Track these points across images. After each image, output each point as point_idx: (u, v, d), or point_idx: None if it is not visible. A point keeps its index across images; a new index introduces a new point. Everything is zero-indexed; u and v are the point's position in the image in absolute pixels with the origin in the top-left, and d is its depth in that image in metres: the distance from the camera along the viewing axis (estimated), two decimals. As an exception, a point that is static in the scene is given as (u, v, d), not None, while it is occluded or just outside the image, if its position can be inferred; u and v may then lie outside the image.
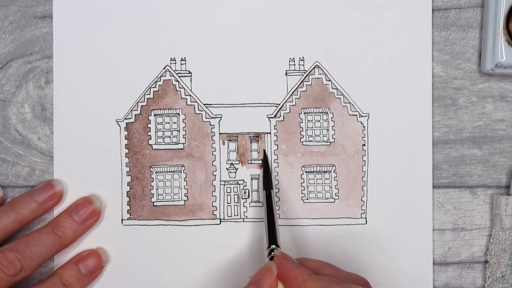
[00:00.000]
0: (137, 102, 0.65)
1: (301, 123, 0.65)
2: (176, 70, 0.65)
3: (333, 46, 0.65)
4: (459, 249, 0.65)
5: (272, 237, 0.59)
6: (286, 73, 0.65)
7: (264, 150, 0.65)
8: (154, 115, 0.65)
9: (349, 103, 0.65)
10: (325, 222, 0.65)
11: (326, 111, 0.65)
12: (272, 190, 0.63)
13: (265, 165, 0.64)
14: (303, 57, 0.65)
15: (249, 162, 0.65)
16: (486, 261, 0.65)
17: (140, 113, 0.65)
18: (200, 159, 0.65)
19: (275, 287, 0.56)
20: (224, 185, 0.65)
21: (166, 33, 0.65)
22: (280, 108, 0.65)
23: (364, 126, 0.65)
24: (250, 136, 0.65)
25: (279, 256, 0.57)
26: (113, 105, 0.65)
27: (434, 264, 0.65)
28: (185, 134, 0.65)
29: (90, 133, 0.65)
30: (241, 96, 0.65)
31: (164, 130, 0.65)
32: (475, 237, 0.65)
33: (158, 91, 0.65)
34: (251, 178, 0.65)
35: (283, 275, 0.56)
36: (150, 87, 0.65)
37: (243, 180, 0.65)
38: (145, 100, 0.65)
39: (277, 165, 0.65)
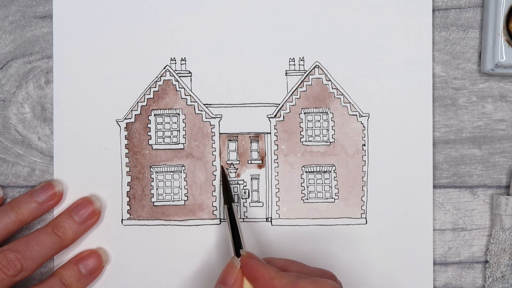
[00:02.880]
0: (137, 102, 0.65)
1: (301, 123, 0.65)
2: (176, 70, 0.65)
3: (333, 46, 0.65)
4: (459, 249, 0.65)
5: (238, 248, 0.60)
6: (286, 73, 0.65)
7: (222, 166, 0.65)
8: (154, 115, 0.65)
9: (349, 103, 0.65)
10: (325, 222, 0.65)
11: (326, 111, 0.65)
12: (232, 204, 0.63)
13: (223, 179, 0.64)
14: (303, 57, 0.65)
15: (249, 162, 0.65)
16: (486, 261, 0.65)
17: (140, 113, 0.65)
18: (200, 159, 0.65)
19: (241, 281, 0.57)
20: (224, 185, 0.65)
21: (166, 33, 0.65)
22: (280, 108, 0.65)
23: (364, 126, 0.65)
24: (250, 136, 0.65)
25: (245, 256, 0.58)
26: (113, 105, 0.65)
27: (434, 264, 0.65)
28: (185, 134, 0.65)
29: (90, 133, 0.65)
30: (241, 96, 0.65)
31: (164, 130, 0.65)
32: (475, 237, 0.65)
33: (158, 91, 0.65)
34: (251, 178, 0.65)
35: (251, 274, 0.57)
36: (150, 87, 0.65)
37: (243, 180, 0.65)
38: (145, 100, 0.65)
39: (277, 165, 0.65)
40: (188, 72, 0.65)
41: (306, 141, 0.65)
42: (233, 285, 0.57)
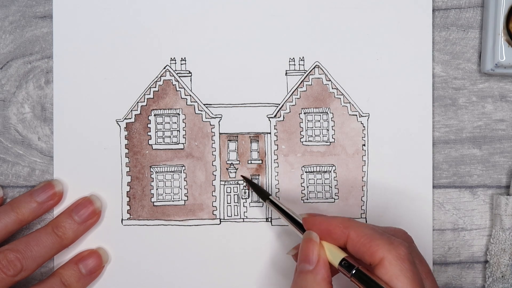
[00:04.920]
0: (137, 102, 0.65)
1: (301, 123, 0.65)
2: (176, 70, 0.65)
3: (333, 46, 0.65)
4: (459, 249, 0.65)
5: (300, 225, 0.57)
6: (286, 73, 0.65)
7: (242, 175, 0.65)
8: (154, 115, 0.65)
9: (349, 103, 0.65)
10: (325, 222, 0.65)
11: (326, 111, 0.65)
12: (270, 196, 0.62)
13: (248, 182, 0.64)
14: (303, 57, 0.65)
15: (249, 162, 0.65)
16: (486, 261, 0.65)
17: (140, 113, 0.65)
18: (200, 159, 0.65)
19: (325, 256, 0.54)
20: (224, 185, 0.65)
21: (166, 33, 0.65)
22: (280, 108, 0.65)
23: (364, 126, 0.65)
24: (250, 136, 0.65)
25: (310, 215, 0.56)
26: (113, 105, 0.65)
27: (434, 264, 0.65)
28: (185, 134, 0.65)
29: (90, 133, 0.65)
30: (241, 96, 0.65)
31: (164, 130, 0.65)
32: (475, 237, 0.65)
33: (158, 91, 0.65)
34: (251, 178, 0.65)
35: (323, 227, 0.54)
36: (150, 87, 0.65)
37: (243, 180, 0.65)
38: (145, 100, 0.65)
39: (277, 165, 0.65)
40: (188, 72, 0.65)
41: (306, 141, 0.65)
42: (318, 262, 0.53)
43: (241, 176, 0.65)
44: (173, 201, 0.65)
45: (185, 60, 0.65)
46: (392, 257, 0.51)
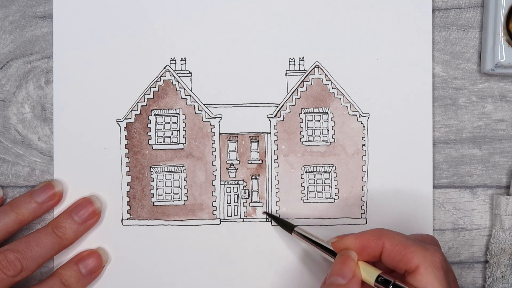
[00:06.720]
0: (137, 102, 0.65)
1: (301, 123, 0.65)
2: (176, 70, 0.65)
3: (333, 46, 0.65)
4: (459, 249, 0.65)
5: (331, 251, 0.58)
6: (286, 73, 0.65)
7: (264, 212, 0.64)
8: (154, 115, 0.65)
9: (349, 103, 0.65)
10: (325, 222, 0.65)
11: (326, 111, 0.65)
12: (296, 226, 0.61)
13: (271, 217, 0.64)
14: (303, 57, 0.65)
15: (249, 162, 0.65)
16: (486, 261, 0.65)
17: (140, 113, 0.65)
18: (200, 159, 0.65)
19: (359, 275, 0.54)
20: (224, 185, 0.65)
21: (166, 33, 0.65)
22: (280, 108, 0.65)
23: (364, 126, 0.65)
24: (250, 136, 0.65)
25: (337, 240, 0.56)
26: (113, 105, 0.65)
27: (434, 264, 0.65)
28: (185, 134, 0.65)
29: (90, 133, 0.65)
30: (241, 96, 0.65)
31: (164, 130, 0.65)
32: (475, 237, 0.65)
33: (158, 91, 0.65)
34: (251, 178, 0.65)
35: (356, 245, 0.54)
36: (150, 87, 0.65)
37: (243, 180, 0.65)
38: (145, 100, 0.65)
39: (277, 165, 0.65)
40: (188, 72, 0.65)
41: (306, 141, 0.65)
42: (352, 278, 0.53)
43: (263, 212, 0.64)
44: (173, 201, 0.65)
45: (185, 60, 0.65)
46: (428, 264, 0.51)
